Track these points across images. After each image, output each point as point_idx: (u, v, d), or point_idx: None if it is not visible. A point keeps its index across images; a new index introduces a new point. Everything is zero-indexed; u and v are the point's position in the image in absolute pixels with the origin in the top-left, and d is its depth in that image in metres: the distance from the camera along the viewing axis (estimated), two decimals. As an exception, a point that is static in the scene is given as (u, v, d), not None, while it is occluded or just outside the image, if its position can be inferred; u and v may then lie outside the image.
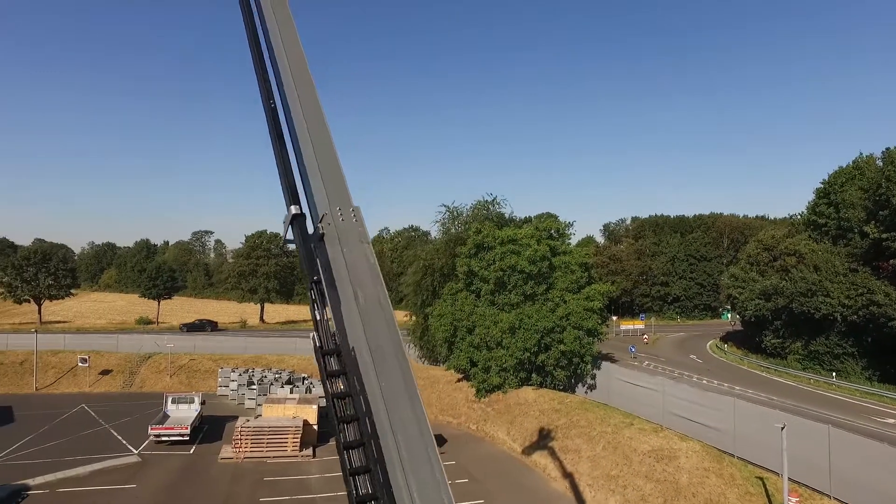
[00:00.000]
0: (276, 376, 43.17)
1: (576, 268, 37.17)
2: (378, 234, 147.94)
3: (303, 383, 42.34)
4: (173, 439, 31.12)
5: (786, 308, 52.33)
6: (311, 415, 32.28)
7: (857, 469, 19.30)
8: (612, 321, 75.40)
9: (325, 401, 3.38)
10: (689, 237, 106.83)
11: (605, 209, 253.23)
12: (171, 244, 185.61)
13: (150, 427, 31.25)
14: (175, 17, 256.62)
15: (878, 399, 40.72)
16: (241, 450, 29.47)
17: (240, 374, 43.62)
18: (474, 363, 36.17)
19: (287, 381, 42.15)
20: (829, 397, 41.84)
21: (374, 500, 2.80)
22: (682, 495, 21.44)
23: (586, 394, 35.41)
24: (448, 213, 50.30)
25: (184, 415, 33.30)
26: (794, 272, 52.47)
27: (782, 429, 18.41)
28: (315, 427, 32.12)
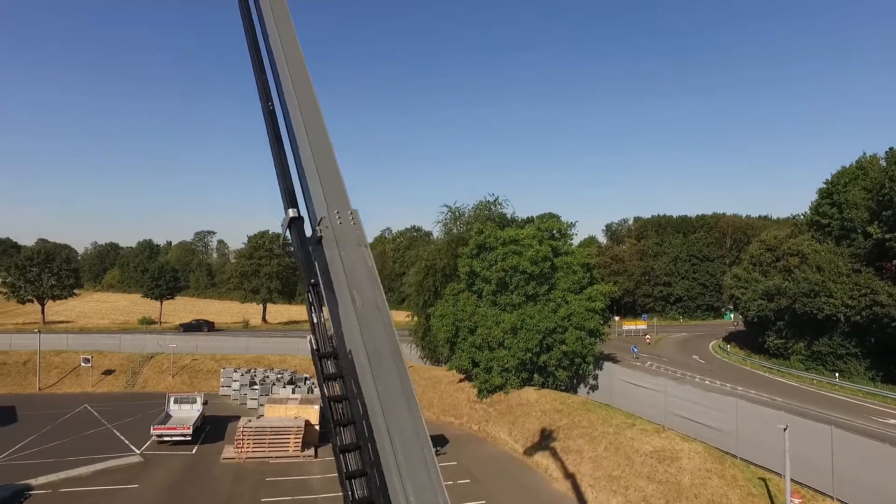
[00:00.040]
0: (279, 376, 43.17)
1: (578, 268, 37.15)
2: (380, 234, 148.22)
3: (305, 383, 42.34)
4: (175, 439, 31.18)
5: (789, 308, 52.20)
6: (312, 415, 32.33)
7: (860, 470, 19.26)
8: (615, 321, 75.31)
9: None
10: (692, 237, 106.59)
11: (606, 209, 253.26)
12: (174, 244, 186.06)
13: (152, 427, 31.29)
14: (175, 17, 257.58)
15: (881, 400, 40.57)
16: (243, 450, 29.51)
17: (242, 375, 43.62)
18: (476, 363, 36.17)
19: (289, 382, 42.16)
20: (832, 398, 41.71)
21: (370, 503, 2.80)
22: (685, 496, 21.40)
23: (588, 394, 35.37)
24: (450, 214, 50.27)
25: (186, 415, 33.32)
26: (797, 272, 52.33)
27: (785, 430, 18.36)
28: (317, 427, 32.15)
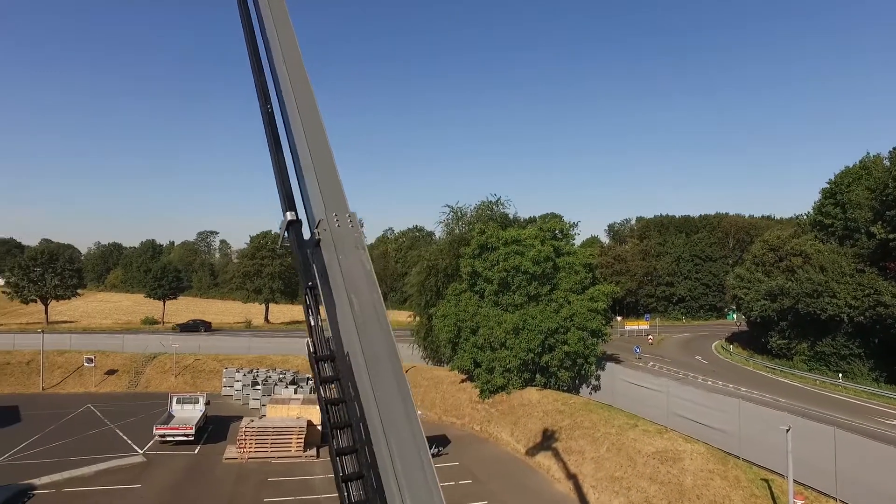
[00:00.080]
0: (281, 376, 43.23)
1: (580, 268, 37.11)
2: (382, 234, 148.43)
3: (307, 384, 42.38)
4: (178, 439, 31.27)
5: (792, 309, 52.05)
6: (315, 415, 32.34)
7: (863, 471, 19.20)
8: (617, 322, 75.23)
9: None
10: (695, 237, 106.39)
11: (607, 209, 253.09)
12: (177, 244, 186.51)
13: (155, 427, 31.39)
14: (175, 17, 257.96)
15: (884, 401, 40.41)
16: (245, 450, 29.56)
17: (244, 375, 43.69)
18: (478, 364, 36.15)
19: (291, 382, 42.24)
20: (836, 399, 41.57)
21: None
22: (687, 497, 21.37)
23: (590, 395, 35.32)
24: (452, 214, 50.18)
25: (188, 415, 33.39)
26: (801, 273, 52.18)
27: (787, 431, 18.31)
28: (319, 427, 32.15)
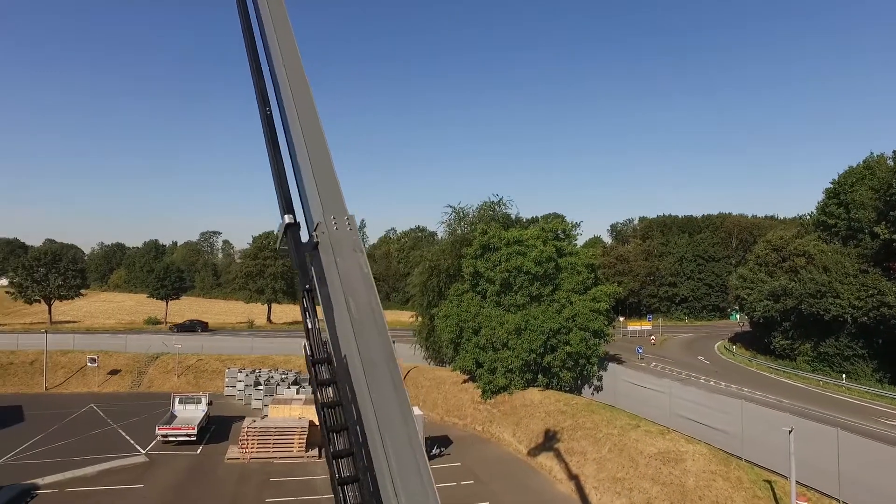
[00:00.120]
0: (283, 377, 43.28)
1: (582, 269, 37.05)
2: (385, 234, 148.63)
3: (309, 384, 42.41)
4: (180, 439, 31.31)
5: (795, 309, 51.91)
6: (316, 416, 32.34)
7: (867, 473, 19.11)
8: (619, 322, 75.07)
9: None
10: (697, 237, 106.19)
11: (607, 209, 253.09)
12: (180, 245, 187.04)
13: (157, 427, 31.44)
14: (175, 17, 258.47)
15: (888, 401, 40.26)
16: (247, 450, 29.59)
17: (247, 375, 43.76)
18: (480, 364, 36.13)
19: (294, 382, 42.27)
20: (839, 399, 41.45)
21: None
22: (689, 498, 21.31)
23: (592, 395, 35.26)
24: (454, 214, 50.22)
25: (191, 415, 33.44)
26: (804, 273, 52.03)
27: (790, 432, 18.24)
28: (321, 428, 32.16)
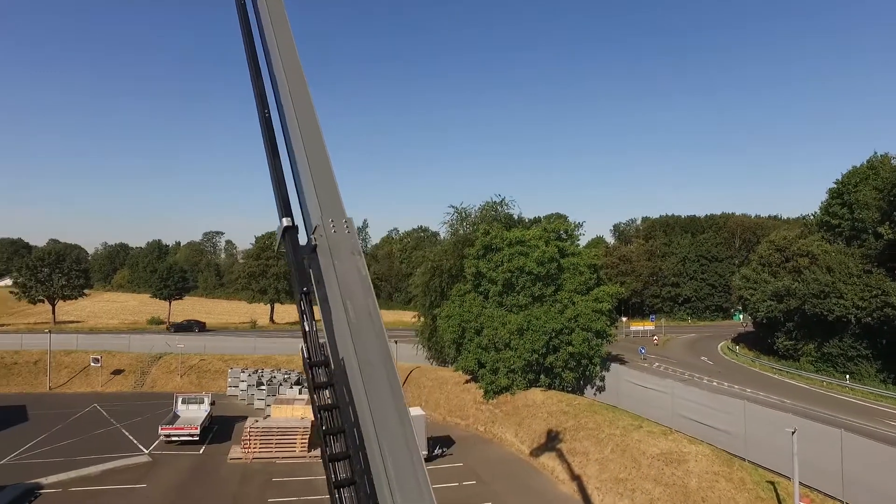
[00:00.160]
0: (286, 377, 43.33)
1: (584, 269, 37.02)
2: (387, 234, 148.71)
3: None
4: (183, 439, 31.39)
5: (798, 309, 51.75)
6: (319, 416, 32.39)
7: (870, 474, 19.05)
8: (622, 322, 74.95)
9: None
10: (700, 237, 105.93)
11: (609, 209, 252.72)
12: (183, 245, 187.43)
13: (160, 427, 31.53)
14: (175, 17, 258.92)
15: (892, 402, 40.13)
16: (250, 450, 29.65)
17: (249, 375, 43.84)
18: (482, 364, 36.12)
19: (296, 382, 42.28)
20: (842, 400, 41.32)
21: None
22: (692, 499, 21.27)
23: (595, 396, 35.23)
24: (456, 214, 50.20)
25: (194, 415, 33.54)
26: (807, 273, 51.88)
27: (793, 433, 18.21)
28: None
